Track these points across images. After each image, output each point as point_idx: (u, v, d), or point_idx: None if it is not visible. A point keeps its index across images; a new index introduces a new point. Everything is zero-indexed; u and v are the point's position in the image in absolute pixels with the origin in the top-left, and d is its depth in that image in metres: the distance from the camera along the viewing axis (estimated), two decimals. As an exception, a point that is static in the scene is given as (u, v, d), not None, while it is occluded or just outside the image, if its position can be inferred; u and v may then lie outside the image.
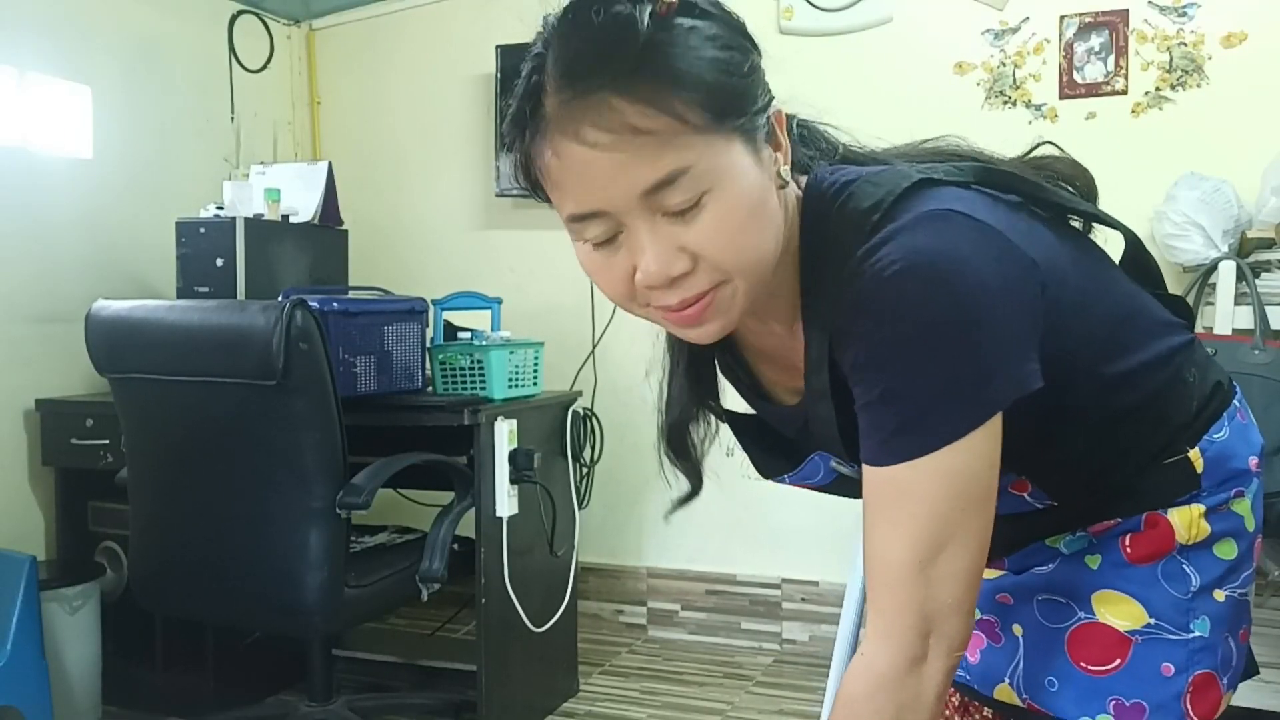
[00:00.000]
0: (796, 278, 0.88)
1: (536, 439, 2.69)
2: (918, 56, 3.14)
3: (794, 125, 0.95)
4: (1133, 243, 1.03)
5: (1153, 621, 0.93)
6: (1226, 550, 0.94)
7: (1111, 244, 1.09)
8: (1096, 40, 2.95)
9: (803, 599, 3.20)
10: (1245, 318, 2.40)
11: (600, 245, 0.81)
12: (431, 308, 2.75)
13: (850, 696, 0.84)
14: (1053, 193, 0.96)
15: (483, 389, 2.64)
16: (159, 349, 2.24)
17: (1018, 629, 0.99)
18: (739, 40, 0.82)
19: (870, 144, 1.00)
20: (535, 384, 2.79)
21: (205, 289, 2.82)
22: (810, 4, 3.22)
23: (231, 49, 3.52)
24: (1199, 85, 2.87)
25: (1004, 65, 3.05)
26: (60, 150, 2.95)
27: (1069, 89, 2.98)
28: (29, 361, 2.84)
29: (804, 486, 1.02)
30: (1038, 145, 1.02)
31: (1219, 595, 0.94)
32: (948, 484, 0.79)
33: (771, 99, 0.84)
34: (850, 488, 0.95)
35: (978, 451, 0.79)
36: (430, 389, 2.70)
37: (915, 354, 0.77)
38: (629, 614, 3.49)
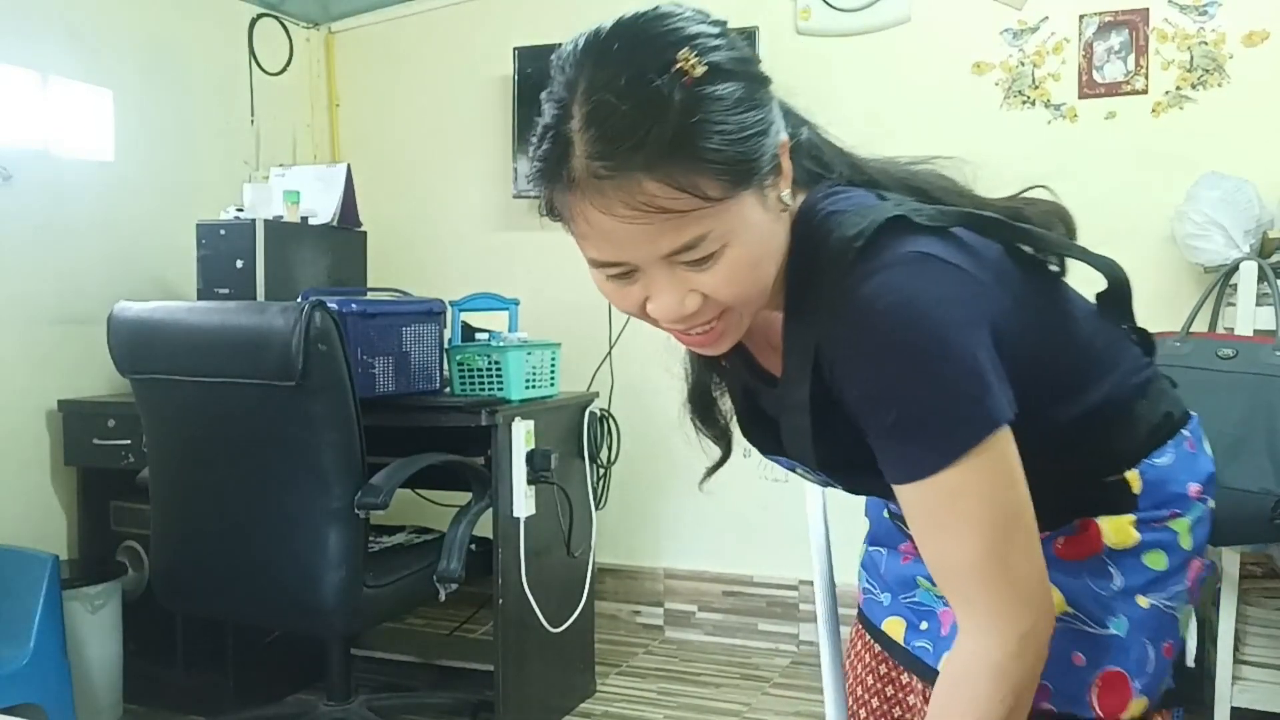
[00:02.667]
0: (783, 278, 0.93)
1: (554, 440, 2.69)
2: (936, 56, 3.12)
3: (803, 142, 0.97)
4: (1115, 279, 1.07)
5: (1071, 611, 0.98)
6: (1156, 560, 0.99)
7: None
8: (1116, 39, 2.93)
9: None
10: (1267, 318, 2.38)
11: (618, 278, 0.88)
12: (449, 309, 2.75)
13: (978, 696, 0.88)
14: (1036, 237, 0.99)
15: (500, 390, 2.64)
16: (180, 350, 2.26)
17: None
18: (755, 91, 0.85)
19: (876, 157, 1.05)
20: (552, 385, 2.79)
21: (225, 290, 2.84)
22: (828, 4, 3.21)
23: (251, 52, 3.54)
24: (1220, 84, 2.85)
25: (1023, 65, 3.03)
26: (82, 153, 2.97)
27: (1088, 88, 2.97)
28: (51, 362, 2.86)
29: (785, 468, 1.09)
30: (1030, 189, 1.07)
31: (1143, 601, 0.99)
32: (994, 476, 0.85)
33: (779, 133, 0.88)
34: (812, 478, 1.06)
35: (1005, 448, 0.85)
36: (448, 390, 2.71)
37: (925, 378, 0.83)
38: (646, 615, 3.49)
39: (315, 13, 3.76)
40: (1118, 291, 1.06)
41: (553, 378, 2.79)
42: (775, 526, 3.25)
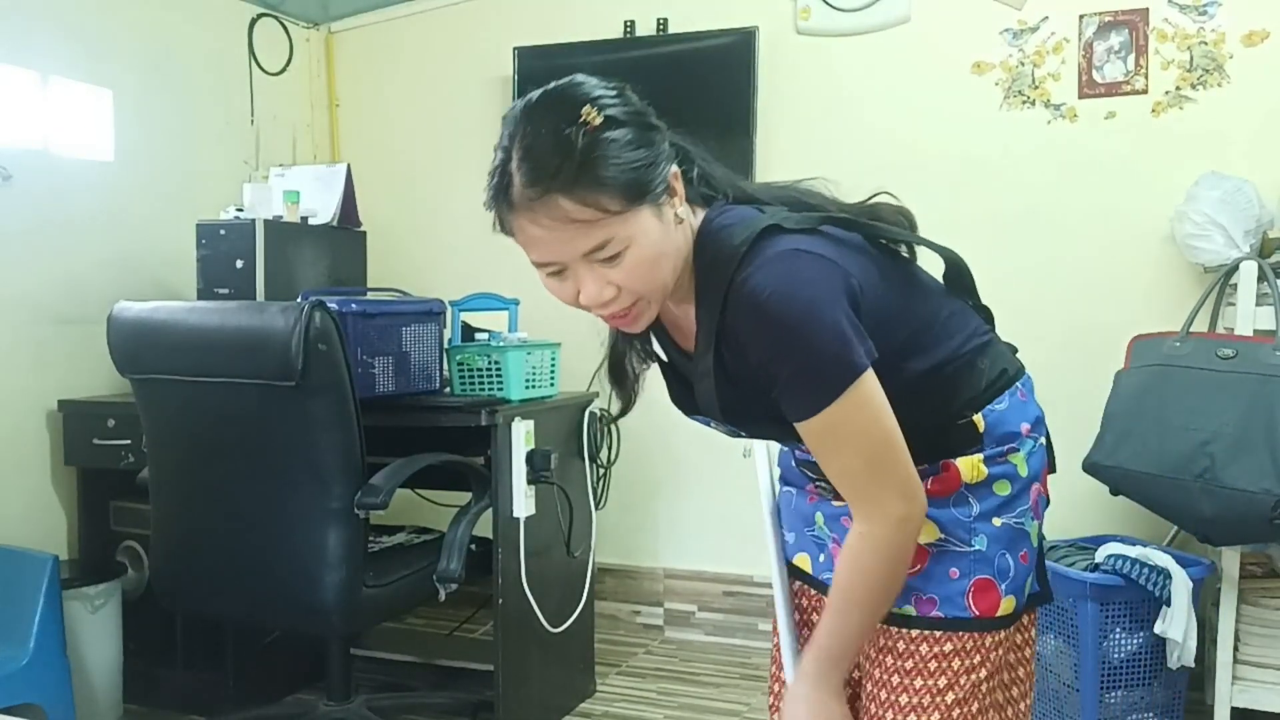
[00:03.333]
0: (690, 275, 1.22)
1: (553, 440, 2.69)
2: (936, 56, 3.13)
3: (696, 172, 1.26)
4: (952, 263, 1.34)
5: (943, 537, 1.26)
6: (1002, 488, 1.28)
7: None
8: (1116, 39, 2.93)
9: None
10: (1267, 318, 2.38)
11: (554, 275, 1.17)
12: (449, 309, 2.75)
13: (863, 565, 1.20)
14: (885, 230, 1.27)
15: (500, 390, 2.64)
16: (180, 350, 2.26)
17: None
18: (646, 135, 1.15)
19: (757, 182, 1.32)
20: (552, 385, 2.79)
21: (225, 290, 2.84)
22: (828, 4, 3.21)
23: (251, 52, 3.54)
24: (1220, 84, 2.85)
25: (1023, 65, 3.03)
26: (82, 153, 2.97)
27: (1088, 88, 2.97)
28: (51, 362, 2.86)
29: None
30: (875, 195, 1.31)
31: (996, 521, 1.27)
32: (864, 408, 1.15)
33: (669, 165, 1.17)
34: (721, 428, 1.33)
35: (867, 387, 1.14)
36: (448, 390, 2.71)
37: (803, 342, 1.12)
38: (646, 615, 3.49)
39: (315, 13, 3.76)
40: (955, 272, 1.34)
41: (553, 378, 2.79)
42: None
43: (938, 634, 1.25)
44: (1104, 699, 2.43)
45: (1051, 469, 1.38)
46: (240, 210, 2.94)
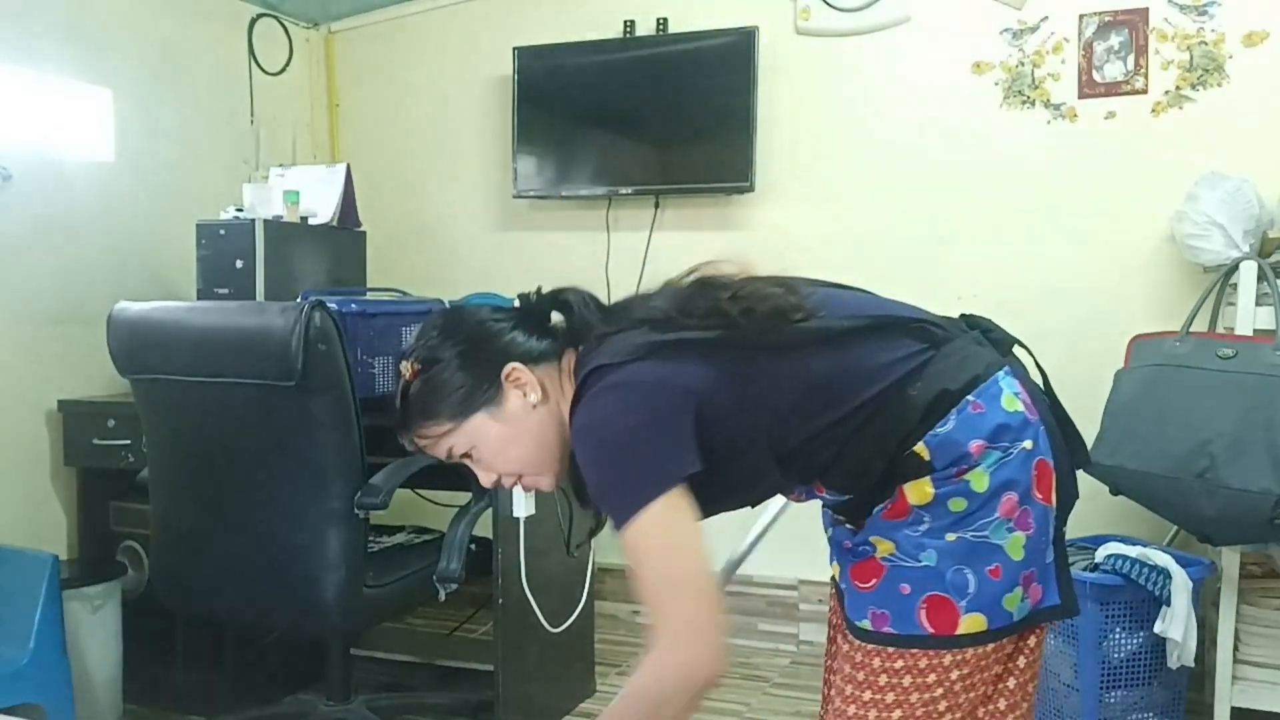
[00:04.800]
0: None
1: (554, 440, 2.69)
2: (936, 56, 3.13)
3: (563, 329, 1.40)
4: (866, 297, 1.41)
5: (896, 553, 1.27)
6: (957, 505, 1.26)
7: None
8: (1116, 39, 2.93)
9: (820, 600, 3.19)
10: (1267, 318, 2.38)
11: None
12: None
13: (643, 687, 1.24)
14: (729, 341, 1.27)
15: (500, 390, 2.64)
16: (179, 350, 2.26)
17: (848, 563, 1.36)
18: (468, 360, 1.36)
19: (638, 295, 1.41)
20: (552, 385, 2.79)
21: (225, 290, 2.84)
22: (828, 4, 3.21)
23: (251, 52, 3.54)
24: (1220, 84, 2.85)
25: (1023, 65, 3.03)
26: (82, 153, 2.97)
27: (1088, 88, 2.97)
28: (51, 362, 2.86)
29: None
30: (698, 267, 1.37)
31: (950, 536, 1.25)
32: (652, 540, 1.22)
33: (502, 366, 1.35)
34: None
35: (663, 515, 1.21)
36: (448, 390, 2.70)
37: (598, 475, 1.26)
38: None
39: (315, 13, 3.76)
40: (873, 302, 1.39)
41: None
42: (775, 527, 3.24)
43: (889, 649, 1.26)
44: (1104, 699, 2.43)
45: (1063, 466, 1.33)
46: (240, 210, 2.94)
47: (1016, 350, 1.41)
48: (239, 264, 2.84)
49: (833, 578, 1.46)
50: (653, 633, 1.22)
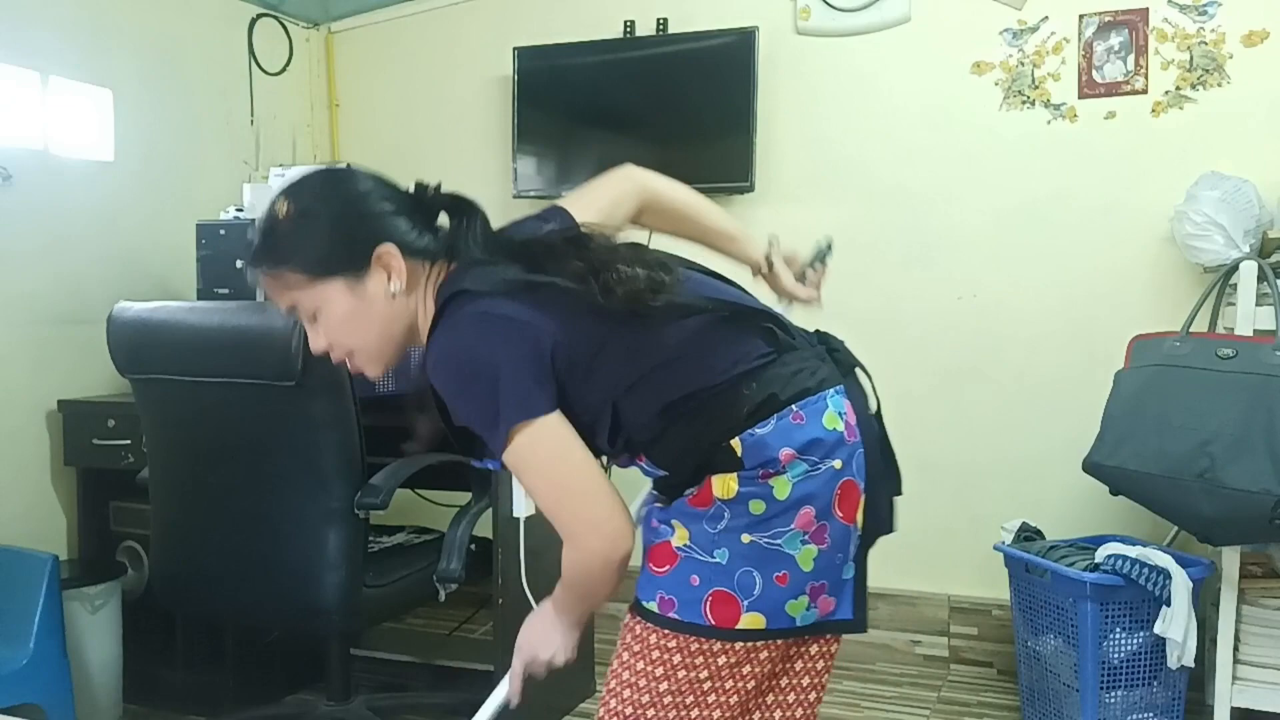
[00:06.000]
0: None
1: (554, 440, 2.69)
2: (935, 56, 3.12)
3: (431, 245, 1.39)
4: (731, 299, 1.40)
5: (690, 544, 1.33)
6: (757, 507, 1.30)
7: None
8: (1116, 39, 2.93)
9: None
10: (1267, 318, 2.38)
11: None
12: (449, 309, 2.75)
13: (566, 579, 1.38)
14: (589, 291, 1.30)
15: (500, 390, 2.64)
16: (180, 350, 2.26)
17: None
18: (346, 224, 1.34)
19: (507, 231, 1.46)
20: (552, 385, 2.79)
21: (225, 290, 2.84)
22: (828, 4, 3.21)
23: (251, 52, 3.54)
24: (1220, 84, 2.85)
25: (1023, 65, 3.03)
26: (82, 153, 2.98)
27: (1088, 88, 2.97)
28: (51, 362, 2.86)
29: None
30: (582, 226, 1.44)
31: (745, 538, 1.30)
32: (540, 449, 1.28)
33: (377, 244, 1.33)
34: None
35: (545, 431, 1.27)
36: (448, 390, 2.71)
37: (470, 393, 1.28)
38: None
39: (315, 13, 3.76)
40: (734, 318, 1.38)
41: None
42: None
43: (665, 631, 1.33)
44: (1104, 699, 2.43)
45: (877, 492, 1.36)
46: (240, 210, 2.94)
47: (858, 374, 1.44)
48: (239, 264, 2.84)
49: None
50: (561, 529, 1.31)
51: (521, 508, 2.55)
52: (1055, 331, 3.02)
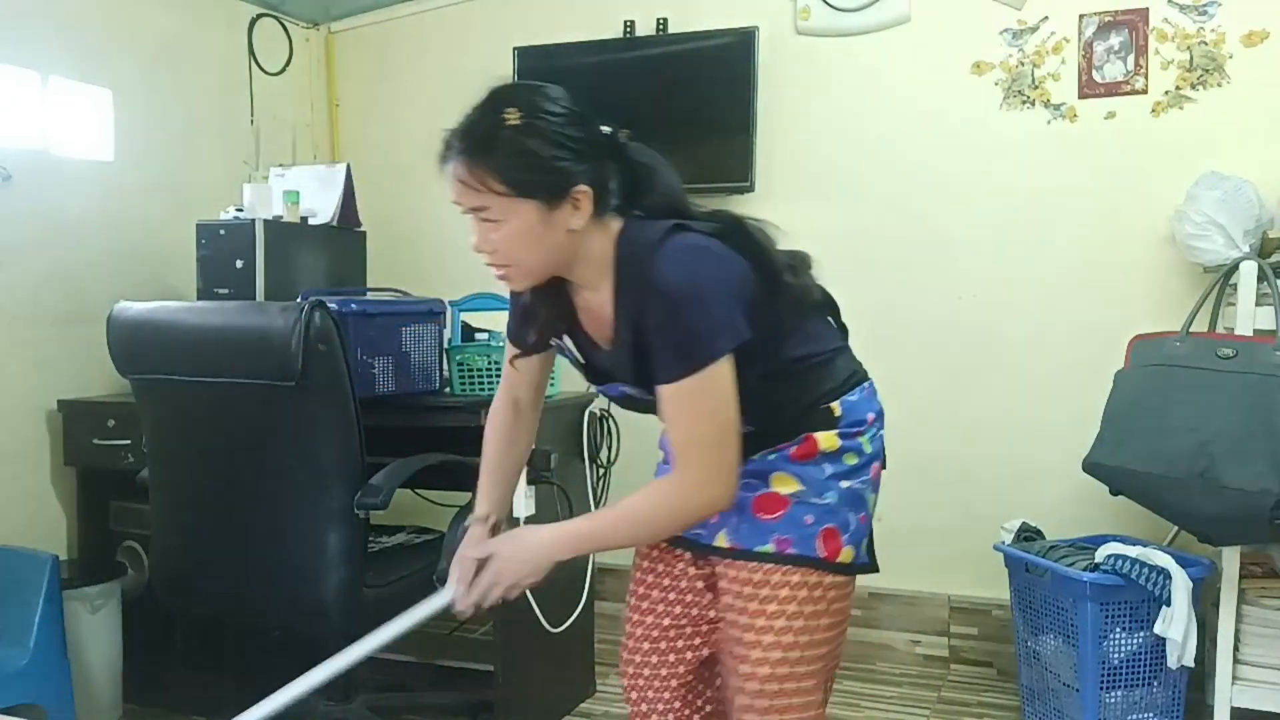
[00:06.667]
0: (608, 276, 1.45)
1: (553, 440, 2.69)
2: (935, 56, 3.12)
3: (615, 190, 1.46)
4: (826, 298, 1.61)
5: (802, 489, 1.51)
6: (850, 459, 1.54)
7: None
8: (1116, 39, 2.93)
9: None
10: (1267, 318, 2.38)
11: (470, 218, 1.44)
12: (449, 309, 2.76)
13: (661, 505, 1.45)
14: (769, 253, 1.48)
15: (500, 390, 2.64)
16: (179, 350, 2.26)
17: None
18: (560, 154, 1.38)
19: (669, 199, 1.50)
20: (552, 385, 2.79)
21: (225, 290, 2.84)
22: (828, 4, 3.21)
23: (251, 52, 3.54)
24: (1220, 84, 2.85)
25: (1022, 65, 3.03)
26: (82, 153, 2.98)
27: (1088, 88, 2.97)
28: (51, 362, 2.86)
29: (608, 398, 1.62)
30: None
31: (844, 484, 1.53)
32: (715, 388, 1.37)
33: (579, 184, 1.38)
34: (630, 404, 1.57)
35: (725, 370, 1.38)
36: (448, 390, 2.71)
37: (684, 318, 1.36)
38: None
39: (315, 13, 3.76)
40: (826, 298, 1.61)
41: (552, 378, 2.78)
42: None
43: (787, 567, 1.49)
44: (1104, 699, 2.43)
45: (883, 464, 1.62)
46: (240, 210, 2.94)
47: None
48: (239, 264, 2.84)
49: (717, 548, 1.60)
50: (688, 467, 1.40)
51: (522, 508, 2.55)
52: (1055, 331, 3.02)
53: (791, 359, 1.51)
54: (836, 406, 1.53)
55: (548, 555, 1.50)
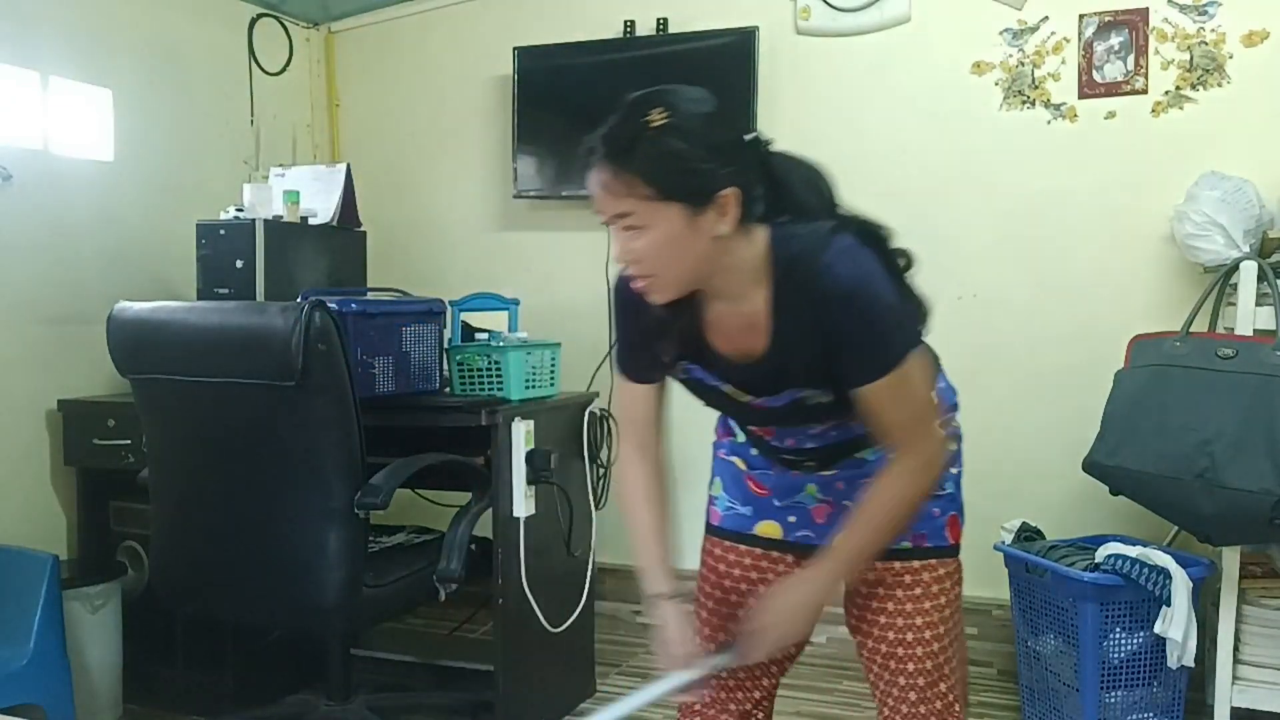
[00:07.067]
0: (761, 283, 1.40)
1: (554, 440, 2.69)
2: (936, 56, 3.12)
3: (760, 196, 1.40)
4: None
5: None
6: (952, 444, 1.59)
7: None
8: (1116, 39, 2.93)
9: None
10: (1267, 318, 2.38)
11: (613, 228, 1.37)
12: (449, 309, 2.75)
13: (902, 494, 1.44)
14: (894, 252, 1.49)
15: (500, 390, 2.64)
16: (180, 350, 2.26)
17: (847, 502, 1.55)
18: (711, 160, 1.32)
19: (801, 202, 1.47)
20: (552, 385, 2.79)
21: (225, 290, 2.84)
22: (828, 4, 3.21)
23: (251, 52, 3.54)
24: (1220, 84, 2.85)
25: (1023, 65, 3.03)
26: (82, 153, 2.98)
27: (1088, 88, 2.97)
28: (51, 362, 2.86)
29: (760, 409, 1.53)
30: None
31: (953, 470, 1.61)
32: (917, 371, 1.42)
33: (726, 187, 1.32)
34: (792, 414, 1.50)
35: (921, 355, 1.44)
36: (448, 390, 2.71)
37: (877, 315, 1.36)
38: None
39: (315, 13, 3.76)
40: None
41: (553, 378, 2.79)
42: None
43: (932, 561, 1.56)
44: (1104, 699, 2.43)
45: None
46: (240, 210, 2.94)
47: None
48: (239, 264, 2.84)
49: (757, 536, 1.68)
50: (910, 448, 1.43)
51: (521, 508, 2.55)
52: (1055, 331, 3.02)
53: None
54: (934, 394, 1.56)
55: (818, 605, 1.49)
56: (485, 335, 2.74)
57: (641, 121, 1.32)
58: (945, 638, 1.57)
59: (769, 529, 1.67)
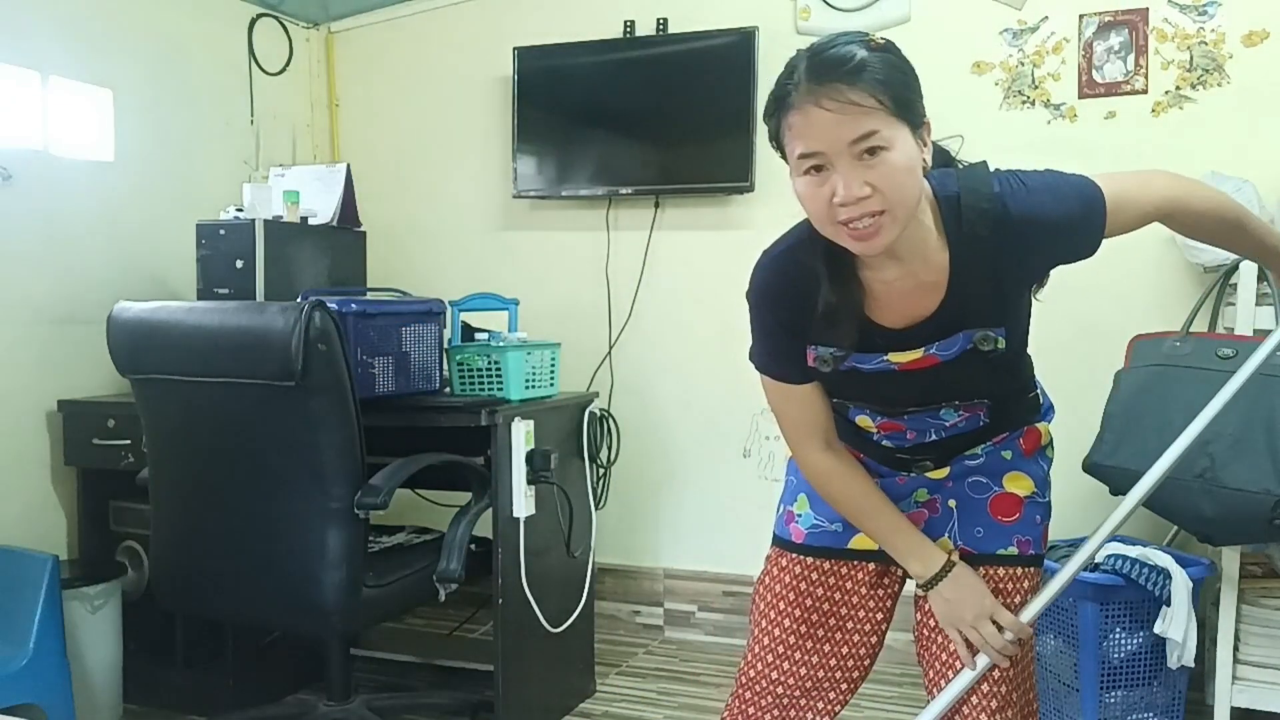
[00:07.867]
0: (933, 236, 1.38)
1: (553, 440, 2.69)
2: (935, 56, 3.10)
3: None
4: None
5: (1036, 490, 1.60)
6: (1051, 451, 1.65)
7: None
8: (1116, 39, 2.93)
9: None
10: (1267, 318, 2.38)
11: (813, 175, 1.27)
12: (449, 309, 2.75)
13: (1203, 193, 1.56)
14: None
15: (500, 390, 2.64)
16: (180, 350, 2.26)
17: (952, 503, 1.60)
18: (912, 79, 1.32)
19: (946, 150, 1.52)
20: (552, 385, 2.79)
21: (225, 290, 2.84)
22: (828, 4, 3.21)
23: (251, 52, 3.54)
24: (1220, 84, 2.85)
25: (1022, 65, 3.03)
26: (82, 153, 2.98)
27: (1088, 88, 2.97)
28: (51, 362, 2.86)
29: (922, 371, 1.45)
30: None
31: (1049, 478, 1.63)
32: (1118, 180, 1.47)
33: (925, 116, 1.32)
34: (966, 366, 1.45)
35: (1108, 182, 1.46)
36: (448, 390, 2.71)
37: (1067, 213, 1.44)
38: (646, 615, 3.49)
39: (315, 13, 3.76)
40: None
41: (552, 378, 2.79)
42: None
43: (1031, 569, 1.57)
44: (1104, 699, 2.43)
45: None
46: (240, 210, 2.94)
47: None
48: (239, 264, 2.84)
49: (853, 550, 1.64)
50: (1179, 196, 1.53)
51: (521, 508, 2.55)
52: (1055, 332, 3.01)
53: (1027, 333, 1.52)
54: (1037, 394, 1.63)
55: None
56: (485, 335, 2.74)
57: (861, 43, 1.28)
58: (1027, 649, 1.58)
59: (864, 541, 1.62)
